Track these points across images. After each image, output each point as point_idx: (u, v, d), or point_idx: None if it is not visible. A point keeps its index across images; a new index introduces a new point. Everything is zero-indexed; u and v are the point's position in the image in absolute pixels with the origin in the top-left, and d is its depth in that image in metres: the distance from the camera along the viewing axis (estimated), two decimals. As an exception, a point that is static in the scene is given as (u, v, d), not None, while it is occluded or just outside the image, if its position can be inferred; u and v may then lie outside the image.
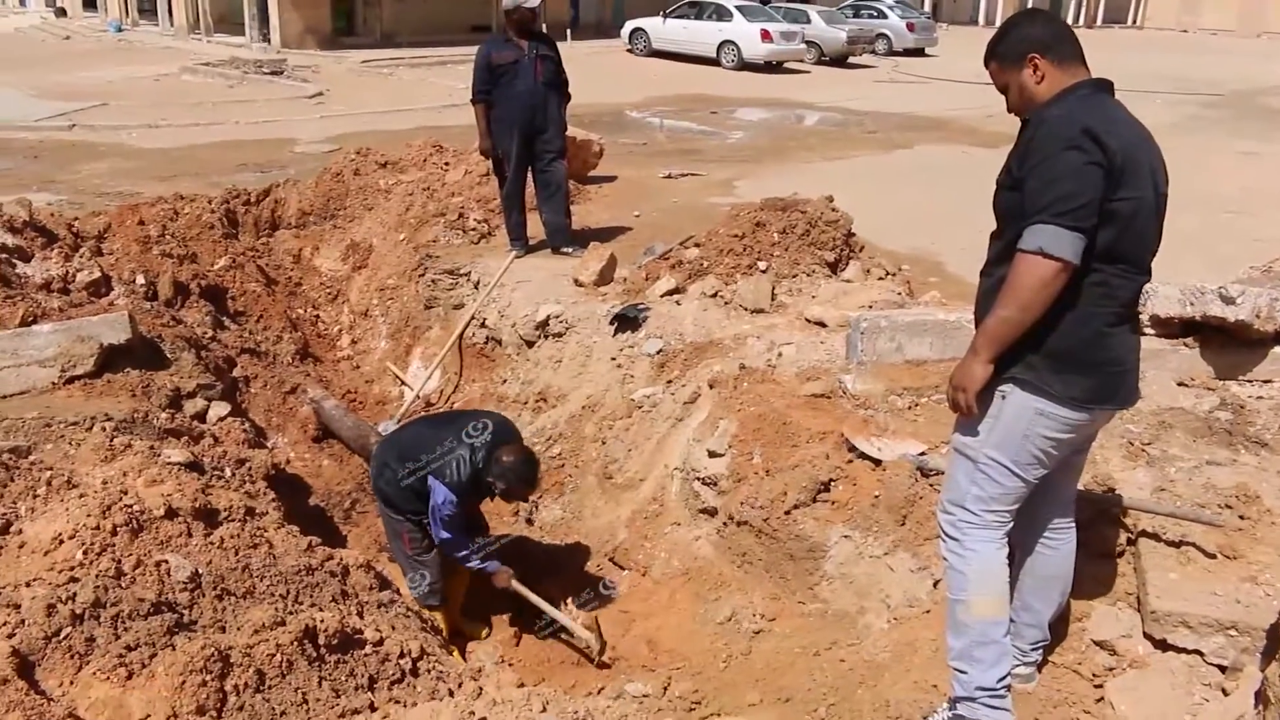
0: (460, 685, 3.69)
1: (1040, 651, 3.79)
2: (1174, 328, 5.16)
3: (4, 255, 7.55)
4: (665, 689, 4.36)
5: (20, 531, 3.98)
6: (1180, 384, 5.09)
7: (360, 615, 4.01)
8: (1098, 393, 3.15)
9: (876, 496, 4.74)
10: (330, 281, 10.02)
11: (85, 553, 3.76)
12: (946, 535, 3.42)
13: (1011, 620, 3.49)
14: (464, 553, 5.35)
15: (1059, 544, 3.61)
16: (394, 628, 3.99)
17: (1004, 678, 3.34)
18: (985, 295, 3.23)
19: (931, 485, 4.65)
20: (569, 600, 5.62)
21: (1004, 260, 3.09)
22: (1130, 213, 2.97)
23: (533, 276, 8.29)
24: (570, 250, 8.78)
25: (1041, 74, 3.11)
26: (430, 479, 5.15)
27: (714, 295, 7.20)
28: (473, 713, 2.88)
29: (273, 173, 13.67)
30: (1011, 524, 3.37)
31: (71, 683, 3.20)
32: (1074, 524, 3.64)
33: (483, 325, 8.15)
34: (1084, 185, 2.87)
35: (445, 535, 5.24)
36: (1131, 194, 2.96)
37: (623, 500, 6.07)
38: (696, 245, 7.88)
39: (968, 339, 5.66)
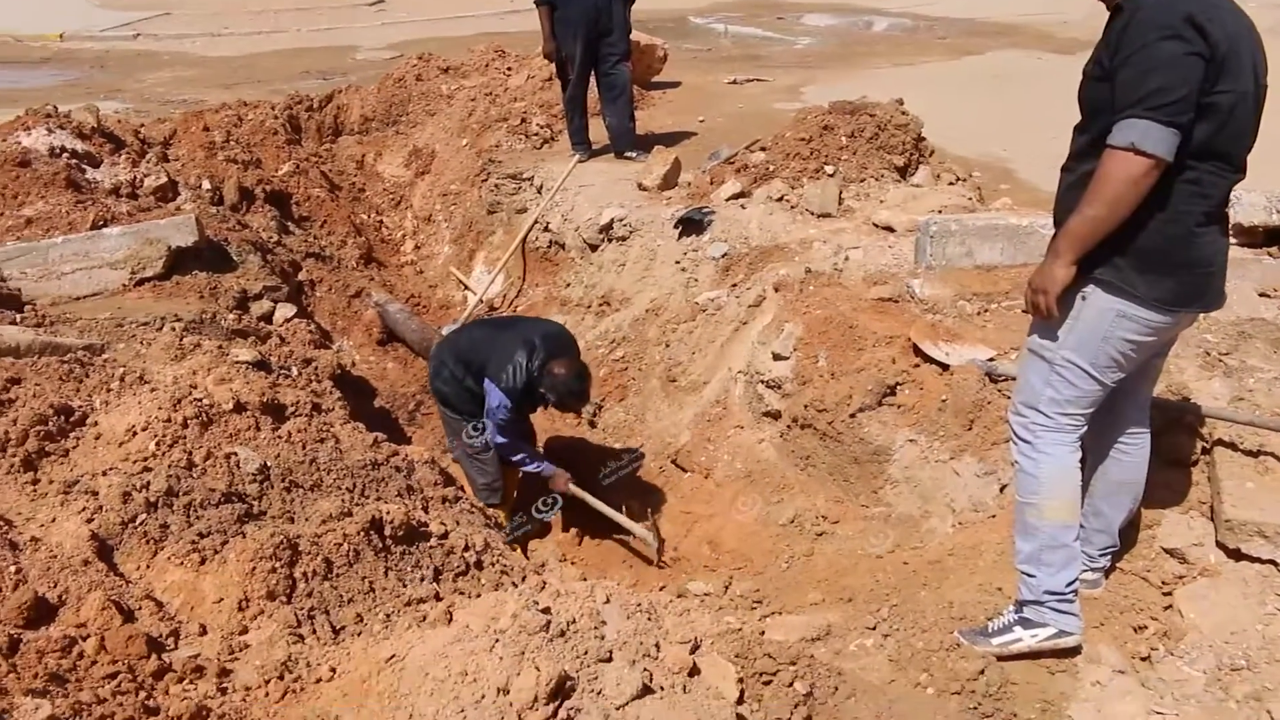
0: (524, 579, 3.73)
1: (1108, 558, 3.73)
2: (1258, 236, 4.98)
3: (74, 161, 7.64)
4: (727, 588, 4.38)
5: (96, 424, 4.07)
6: (1262, 294, 4.91)
7: (425, 510, 4.05)
8: (1184, 294, 3.00)
9: (943, 401, 4.66)
10: (393, 187, 10.03)
11: (157, 444, 3.83)
12: (1018, 438, 3.32)
13: (1081, 525, 3.42)
14: (519, 456, 5.40)
15: (1133, 449, 3.48)
16: (458, 522, 4.03)
17: (1072, 582, 3.28)
18: (1066, 192, 3.08)
19: (1000, 390, 4.56)
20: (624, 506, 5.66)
21: (1088, 156, 2.94)
22: (1229, 107, 2.78)
23: (596, 181, 8.22)
24: (634, 155, 8.67)
25: None
26: (486, 382, 5.18)
27: (780, 199, 7.07)
28: (537, 602, 2.90)
29: (335, 79, 13.62)
30: (1085, 428, 3.26)
31: (148, 567, 3.28)
32: (1149, 430, 3.53)
33: (546, 229, 8.12)
34: (1182, 77, 2.68)
35: (500, 440, 5.29)
36: (1232, 87, 2.76)
37: (686, 403, 6.06)
38: (762, 149, 7.72)
39: (1040, 245, 5.60)
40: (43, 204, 6.90)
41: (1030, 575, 3.32)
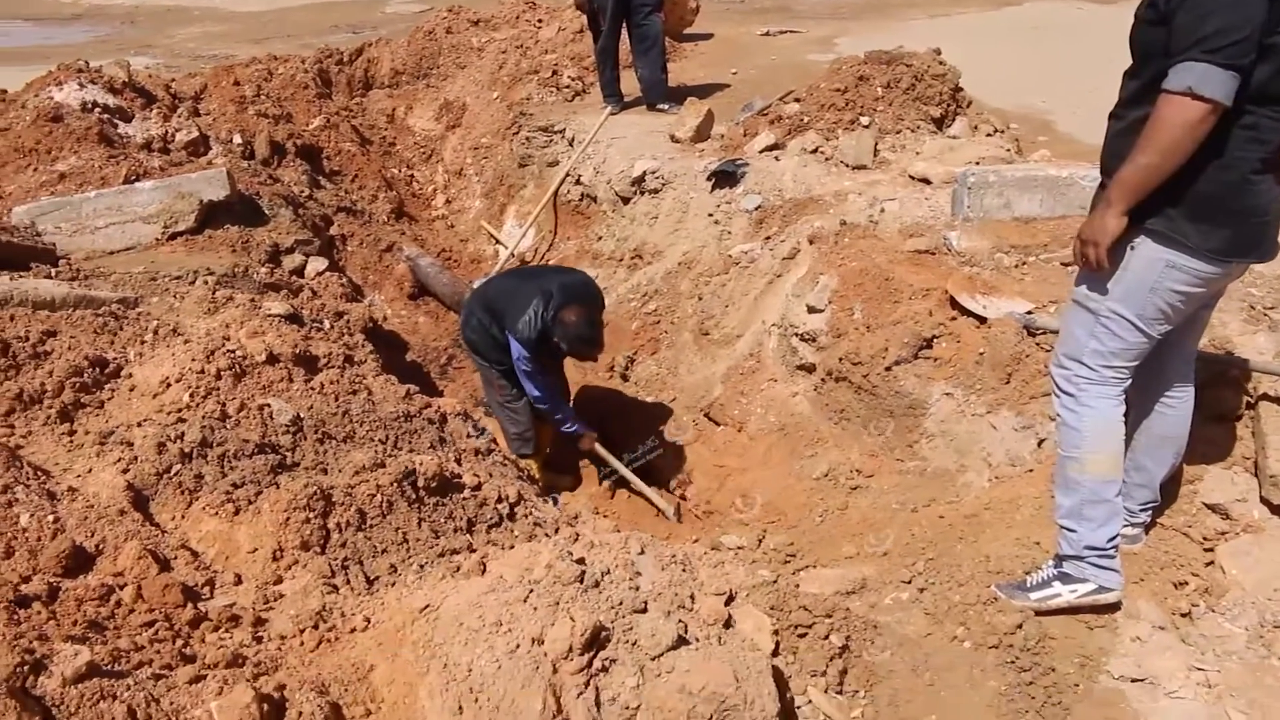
0: (557, 530, 3.72)
1: (1149, 513, 3.67)
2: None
3: (105, 116, 7.65)
4: (760, 541, 4.35)
5: (130, 375, 4.09)
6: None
7: (458, 462, 4.04)
8: (1237, 244, 2.90)
9: (981, 354, 4.60)
10: (424, 141, 9.99)
11: (191, 395, 3.84)
12: (1061, 391, 3.25)
13: (1122, 480, 3.36)
14: (558, 415, 5.40)
15: (1177, 403, 3.42)
16: (490, 474, 4.02)
17: (1113, 538, 3.24)
18: (1115, 139, 2.98)
19: (1038, 344, 4.49)
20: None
21: (1140, 101, 2.83)
22: None
23: (628, 133, 8.14)
24: (666, 107, 8.58)
25: None
26: (507, 332, 5.17)
27: (814, 151, 6.98)
28: (571, 553, 2.89)
29: (365, 33, 13.55)
30: (1129, 381, 3.20)
31: (183, 517, 3.29)
32: (1194, 384, 3.45)
33: (577, 182, 8.06)
34: (1245, 17, 2.55)
35: (535, 392, 5.28)
36: None
37: (719, 356, 6.02)
38: (796, 100, 7.61)
39: (1079, 196, 5.51)
40: (75, 159, 6.92)
41: (1071, 530, 3.27)
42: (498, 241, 8.51)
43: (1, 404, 3.70)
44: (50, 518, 3.01)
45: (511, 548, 3.36)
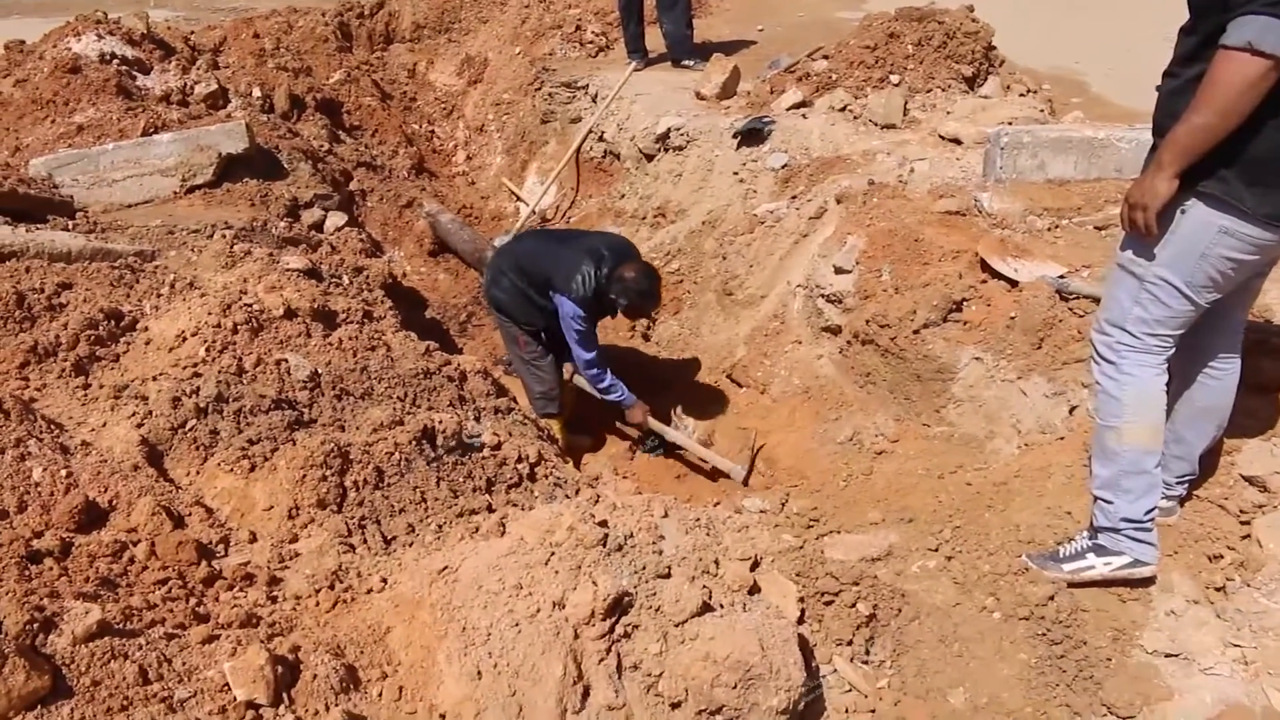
0: (577, 492, 3.66)
1: (1186, 486, 3.55)
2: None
3: (124, 68, 7.57)
4: (783, 505, 4.26)
5: (146, 329, 4.03)
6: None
7: (477, 420, 3.98)
8: None
9: (1012, 318, 4.48)
10: (445, 96, 9.86)
11: (207, 349, 3.78)
12: (1101, 358, 3.10)
13: (1161, 452, 3.25)
14: (605, 381, 5.32)
15: (1222, 375, 3.25)
16: (510, 434, 3.95)
17: (1150, 510, 3.11)
18: (1169, 97, 2.78)
19: (1071, 309, 4.37)
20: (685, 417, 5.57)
21: (1196, 59, 2.64)
22: None
23: (652, 89, 7.99)
24: (691, 63, 8.43)
25: None
26: (556, 296, 5.09)
27: (842, 109, 6.83)
28: (593, 515, 2.82)
29: (385, -14, 13.34)
30: (1173, 349, 3.04)
31: (198, 473, 3.24)
32: (1239, 355, 3.27)
33: (600, 139, 7.93)
34: None
35: (586, 355, 5.19)
36: None
37: (742, 317, 5.92)
38: (825, 57, 7.45)
39: (1116, 159, 5.36)
40: (93, 111, 6.85)
41: (1108, 501, 3.15)
42: (519, 198, 8.41)
43: (16, 356, 3.64)
44: (63, 472, 2.95)
45: (531, 509, 3.30)
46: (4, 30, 9.29)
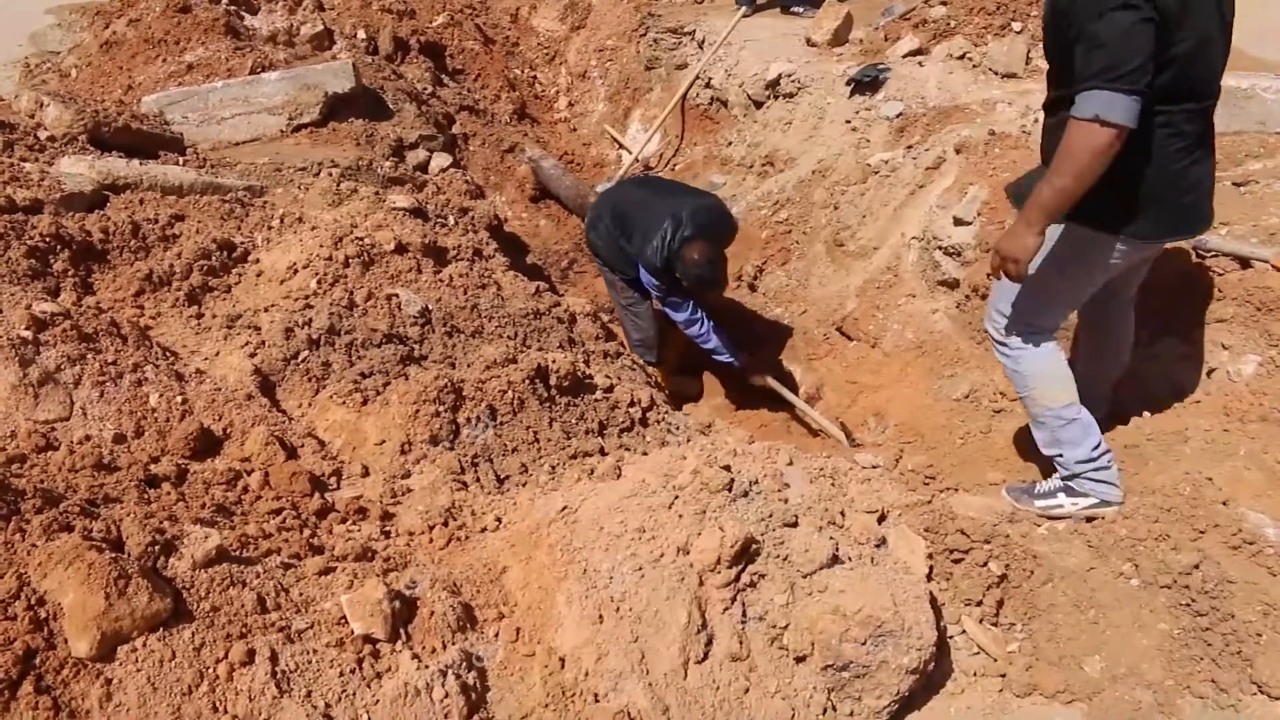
0: (689, 440, 3.54)
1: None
2: None
3: (232, 8, 7.59)
4: (897, 461, 4.09)
5: (258, 261, 3.99)
6: None
7: (587, 363, 3.88)
8: (1167, 226, 3.04)
9: (1144, 275, 4.23)
10: (548, 42, 9.71)
11: (319, 282, 3.73)
12: (995, 340, 3.43)
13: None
14: (711, 342, 5.14)
15: (1119, 329, 3.69)
16: (621, 378, 3.84)
17: (1097, 445, 3.33)
18: (1049, 134, 3.07)
19: (1207, 267, 4.11)
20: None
21: (1064, 104, 2.82)
22: (1190, 51, 2.70)
23: (761, 36, 7.74)
24: (801, 9, 8.15)
25: None
26: (635, 256, 4.96)
27: (961, 57, 6.53)
28: (716, 458, 2.70)
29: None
30: (1060, 325, 3.40)
31: (310, 404, 3.19)
32: (1132, 313, 3.66)
33: (707, 85, 7.71)
34: (1135, 47, 2.58)
35: (678, 316, 5.04)
36: (1190, 33, 2.68)
37: (853, 269, 5.71)
38: (943, 3, 7.13)
39: (1259, 110, 5.03)
40: (203, 50, 6.87)
41: (1058, 456, 3.40)
42: (621, 146, 8.25)
43: (132, 285, 3.63)
44: (179, 399, 2.92)
45: (644, 454, 3.19)
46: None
